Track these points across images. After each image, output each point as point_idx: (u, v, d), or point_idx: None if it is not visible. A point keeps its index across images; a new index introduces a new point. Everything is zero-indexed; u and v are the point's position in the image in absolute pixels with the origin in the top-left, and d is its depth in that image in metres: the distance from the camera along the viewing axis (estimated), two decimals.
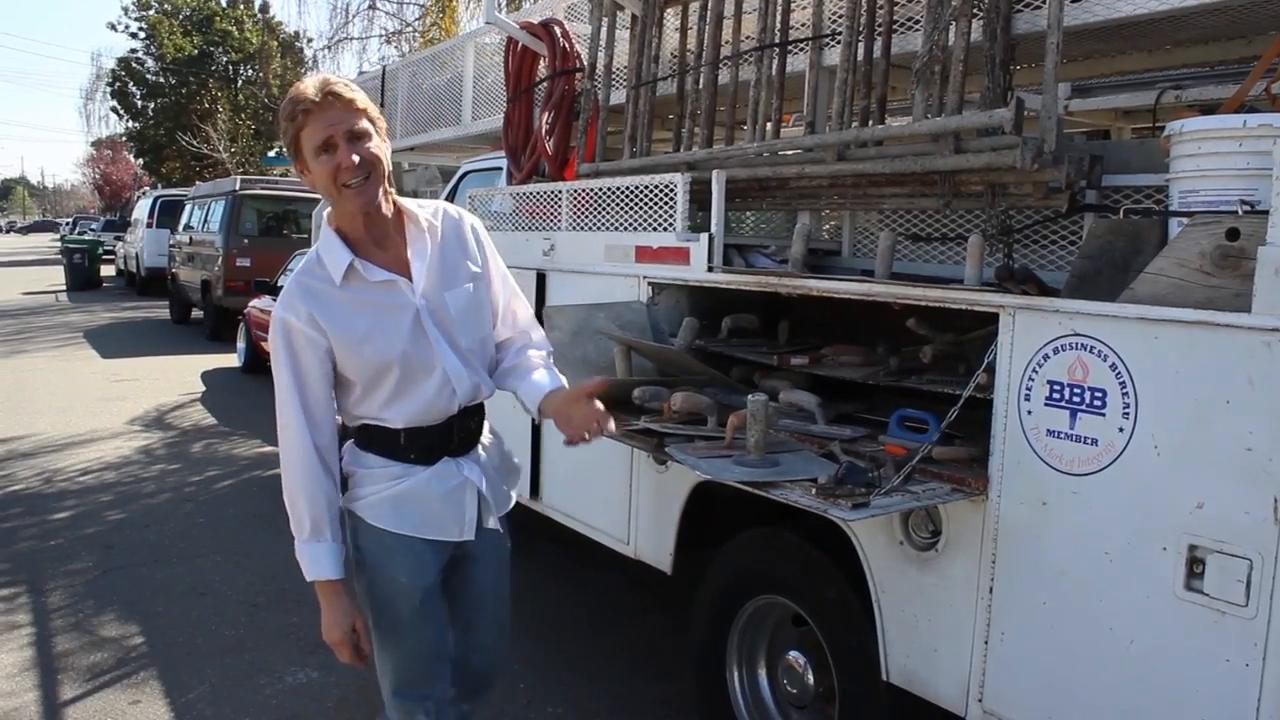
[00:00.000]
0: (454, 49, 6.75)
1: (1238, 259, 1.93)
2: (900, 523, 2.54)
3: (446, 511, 2.38)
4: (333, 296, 2.21)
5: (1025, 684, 2.24)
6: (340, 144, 2.11)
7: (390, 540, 2.34)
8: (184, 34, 38.74)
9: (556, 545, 5.41)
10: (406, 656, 2.42)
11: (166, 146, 36.56)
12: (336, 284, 2.20)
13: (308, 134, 2.11)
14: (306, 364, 2.22)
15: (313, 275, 2.23)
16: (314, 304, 2.19)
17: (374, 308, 2.23)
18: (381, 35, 24.50)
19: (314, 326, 2.19)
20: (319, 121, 2.09)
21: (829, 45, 3.30)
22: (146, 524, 6.05)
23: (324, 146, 2.11)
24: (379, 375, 2.25)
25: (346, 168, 2.11)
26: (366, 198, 2.17)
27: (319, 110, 2.09)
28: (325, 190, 2.17)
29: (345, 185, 2.13)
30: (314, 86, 2.11)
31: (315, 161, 2.12)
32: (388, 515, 2.34)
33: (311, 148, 2.11)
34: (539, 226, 4.33)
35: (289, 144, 2.18)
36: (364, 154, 2.13)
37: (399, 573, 2.36)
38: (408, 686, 2.43)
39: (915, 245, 3.29)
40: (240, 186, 14.95)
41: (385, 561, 2.36)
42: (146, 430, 8.71)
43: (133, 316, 18.57)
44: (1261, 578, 1.82)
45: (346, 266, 2.20)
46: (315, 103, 2.09)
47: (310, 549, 2.26)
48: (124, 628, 4.49)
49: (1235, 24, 2.71)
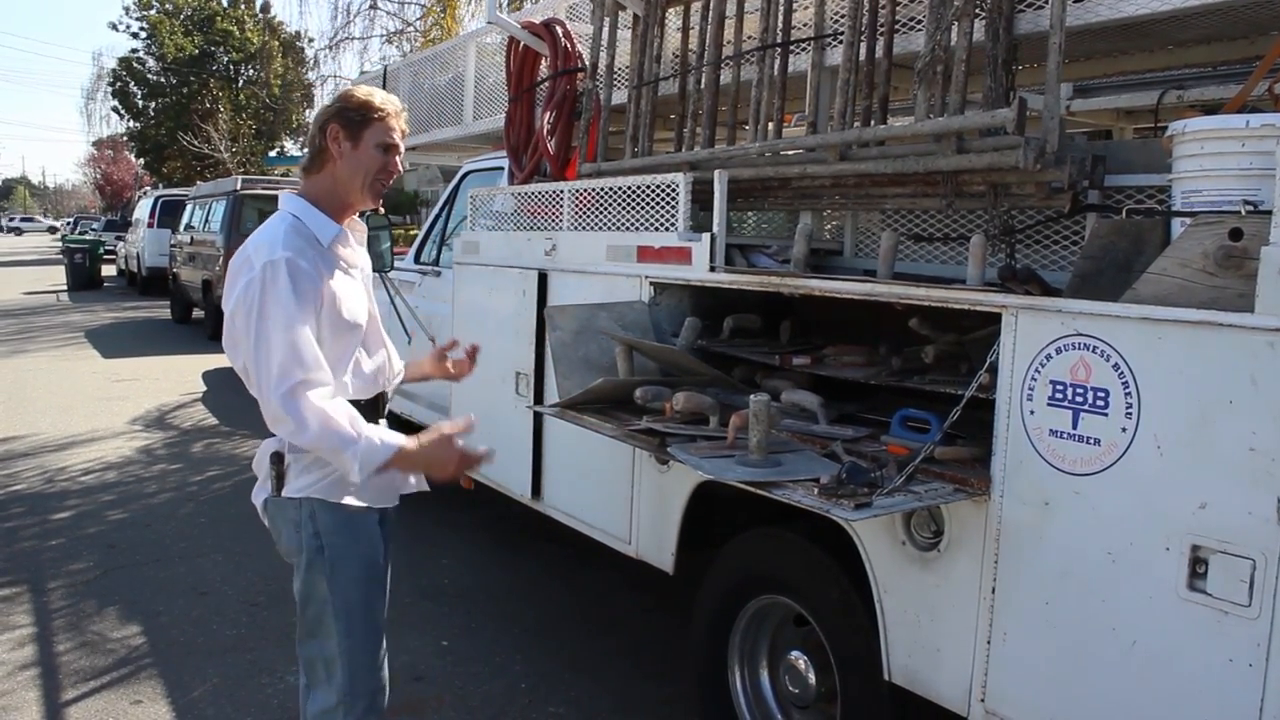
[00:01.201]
0: (455, 49, 6.75)
1: (1241, 259, 1.93)
2: (902, 523, 2.54)
3: (388, 481, 2.53)
4: (320, 253, 2.39)
5: (1028, 684, 2.24)
6: (394, 153, 2.45)
7: (353, 516, 2.45)
8: (185, 34, 38.77)
9: (557, 545, 5.42)
10: (376, 632, 2.52)
11: (168, 146, 36.58)
12: (324, 245, 2.40)
13: (379, 129, 2.41)
14: (309, 302, 2.28)
15: (301, 234, 2.37)
16: (316, 257, 2.36)
17: (345, 274, 2.45)
18: (383, 35, 24.55)
19: (316, 270, 2.33)
20: (392, 127, 2.43)
21: (831, 45, 3.30)
22: (148, 523, 6.05)
23: (385, 147, 2.43)
24: (350, 335, 2.40)
25: (393, 172, 2.47)
26: (380, 199, 2.49)
27: (394, 119, 2.44)
28: (361, 173, 2.41)
29: (381, 182, 2.45)
30: (393, 103, 2.45)
31: (372, 150, 2.41)
32: (351, 491, 2.42)
33: (376, 142, 2.41)
34: (541, 226, 4.33)
35: (356, 118, 2.40)
36: (401, 170, 2.51)
37: (365, 545, 2.48)
38: (376, 663, 2.52)
39: (917, 245, 3.29)
40: (241, 186, 14.95)
41: (352, 539, 2.45)
42: (148, 430, 8.71)
43: (134, 316, 18.57)
44: (1264, 578, 1.82)
45: (334, 236, 2.43)
46: (396, 111, 2.44)
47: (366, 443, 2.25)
48: (125, 627, 4.49)
49: (1237, 24, 2.71)
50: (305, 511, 2.42)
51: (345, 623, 2.44)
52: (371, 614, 2.50)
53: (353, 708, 2.47)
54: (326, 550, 2.42)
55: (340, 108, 2.42)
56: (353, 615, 2.45)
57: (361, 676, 2.48)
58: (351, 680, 2.46)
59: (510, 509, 4.81)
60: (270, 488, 2.45)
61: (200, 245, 15.62)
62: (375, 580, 2.52)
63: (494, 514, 5.95)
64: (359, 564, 2.46)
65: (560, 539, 5.03)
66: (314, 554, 2.43)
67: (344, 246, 2.46)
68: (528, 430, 4.27)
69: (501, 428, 4.43)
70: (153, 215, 21.36)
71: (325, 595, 2.44)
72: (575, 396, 3.20)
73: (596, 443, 3.52)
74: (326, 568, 2.43)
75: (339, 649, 2.45)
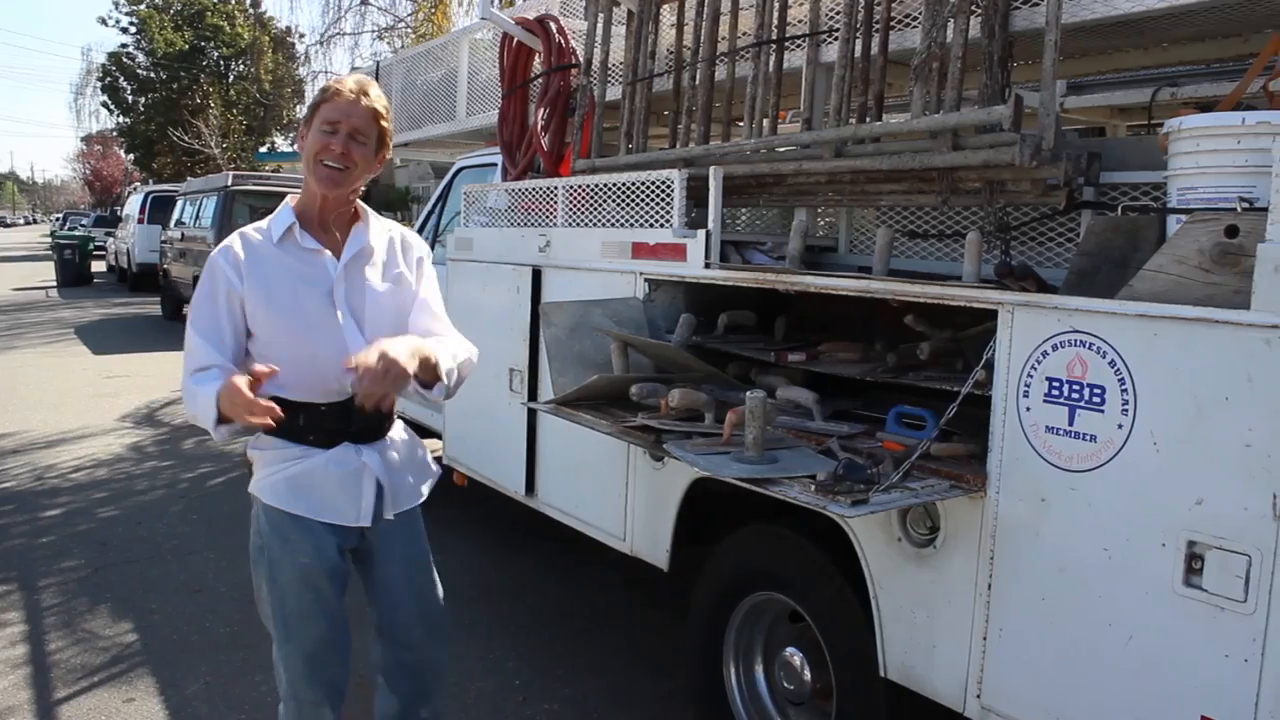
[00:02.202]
0: (448, 45, 6.73)
1: (1237, 256, 1.94)
2: (898, 519, 2.54)
3: (343, 495, 2.44)
4: (264, 251, 2.41)
5: (1024, 680, 2.25)
6: (341, 132, 2.37)
7: (289, 522, 2.41)
8: (175, 29, 38.60)
9: (551, 542, 5.42)
10: (313, 642, 2.44)
11: (158, 142, 36.39)
12: (273, 242, 2.42)
13: (325, 109, 2.38)
14: (217, 298, 2.37)
15: (255, 230, 2.46)
16: (246, 251, 2.40)
17: (295, 271, 2.42)
18: (374, 31, 24.49)
19: (236, 271, 2.37)
20: (339, 106, 2.37)
21: (826, 41, 3.30)
22: (139, 521, 6.03)
23: (329, 126, 2.37)
24: (283, 332, 2.37)
25: (331, 150, 2.36)
26: (331, 184, 2.40)
27: (344, 101, 2.38)
28: (307, 158, 2.41)
29: (322, 163, 2.37)
30: (353, 82, 2.43)
31: (315, 132, 2.38)
32: (284, 496, 2.40)
33: (321, 121, 2.38)
34: (535, 222, 4.32)
35: (308, 112, 2.45)
36: (350, 151, 2.38)
37: (299, 554, 2.41)
38: (313, 673, 2.45)
39: (912, 242, 3.29)
40: (233, 182, 14.91)
41: (285, 544, 2.41)
42: (138, 427, 8.68)
43: (124, 313, 18.51)
44: (1260, 574, 1.83)
45: (285, 229, 2.43)
46: (347, 92, 2.39)
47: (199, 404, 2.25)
48: (117, 625, 4.47)
49: (1232, 21, 2.71)
50: (255, 508, 2.49)
51: (281, 629, 2.45)
52: (306, 624, 2.43)
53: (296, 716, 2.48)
54: (266, 551, 2.44)
55: (311, 100, 2.48)
56: (288, 622, 2.43)
57: (297, 684, 2.45)
58: (292, 688, 2.47)
59: (504, 506, 4.79)
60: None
61: (191, 241, 15.57)
62: (312, 589, 2.42)
63: (488, 511, 5.94)
64: (293, 571, 2.41)
65: (554, 536, 5.03)
66: (256, 552, 2.48)
67: (302, 238, 2.42)
68: (522, 427, 4.26)
69: (495, 424, 4.43)
70: (143, 211, 21.25)
71: (266, 596, 2.46)
72: (570, 393, 3.19)
73: (591, 439, 3.52)
74: (265, 568, 2.45)
75: (278, 654, 2.48)
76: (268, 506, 2.42)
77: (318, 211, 2.45)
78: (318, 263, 2.43)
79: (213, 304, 2.36)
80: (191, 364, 2.33)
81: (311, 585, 2.42)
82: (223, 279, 2.36)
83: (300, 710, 2.47)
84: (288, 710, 2.51)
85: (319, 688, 2.45)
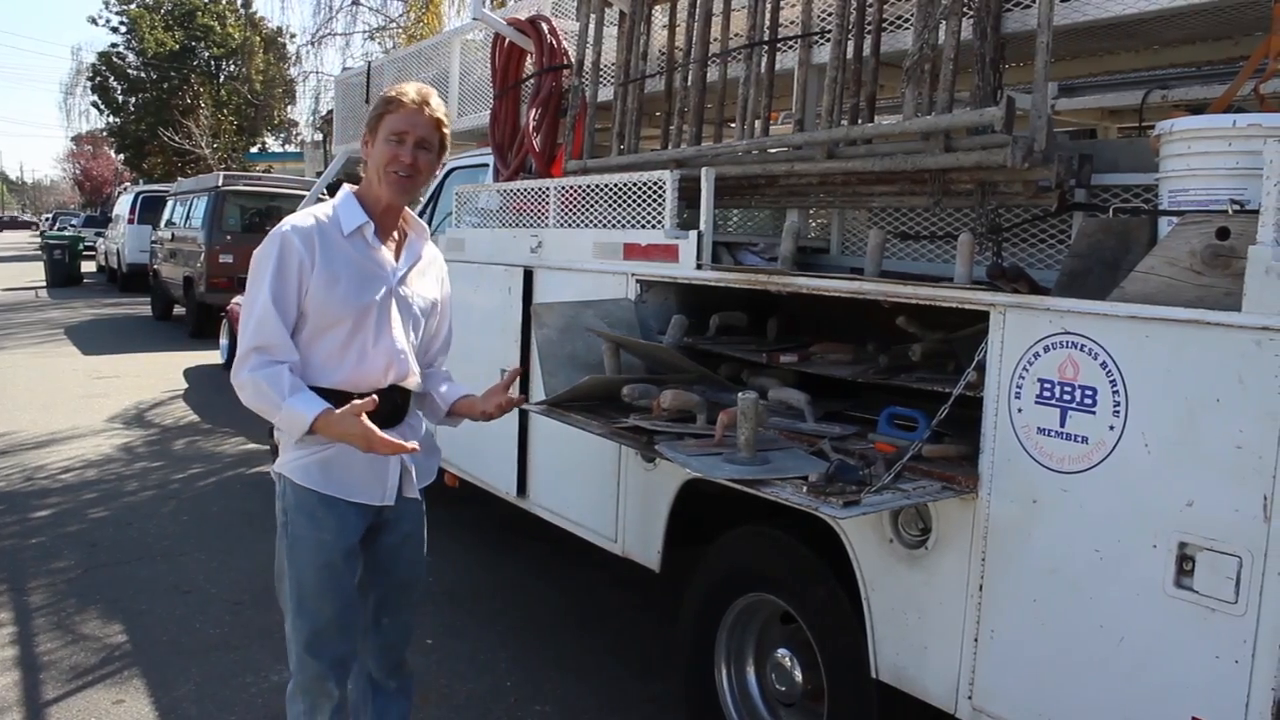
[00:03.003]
0: (439, 45, 6.72)
1: (1228, 258, 1.94)
2: (890, 520, 2.55)
3: (371, 476, 2.57)
4: (334, 239, 2.47)
5: (1015, 681, 2.25)
6: (409, 141, 2.48)
7: (316, 501, 2.51)
8: (165, 29, 38.50)
9: (542, 543, 5.41)
10: (324, 618, 2.54)
11: (148, 142, 36.31)
12: (344, 234, 2.49)
13: (391, 120, 2.48)
14: (289, 277, 2.41)
15: (324, 218, 2.50)
16: (318, 236, 2.45)
17: (360, 265, 2.50)
18: (365, 31, 24.42)
19: (309, 251, 2.42)
20: (404, 116, 2.48)
21: (818, 43, 3.30)
22: (129, 522, 6.00)
23: (397, 136, 2.47)
24: (337, 321, 2.45)
25: (401, 160, 2.48)
26: (401, 192, 2.52)
27: (409, 110, 2.48)
28: (376, 167, 2.50)
29: (393, 172, 2.48)
30: (414, 91, 2.51)
31: (383, 143, 2.49)
32: (316, 476, 2.51)
33: (388, 131, 2.48)
34: (526, 223, 4.32)
35: (374, 119, 2.52)
36: (419, 160, 2.50)
37: (324, 532, 2.52)
38: (320, 647, 2.54)
39: (904, 243, 3.30)
40: (223, 182, 14.85)
41: (311, 522, 2.52)
42: (128, 427, 8.65)
43: (114, 313, 18.44)
44: (1251, 575, 1.83)
45: (358, 225, 2.50)
46: (411, 101, 2.48)
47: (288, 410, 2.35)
48: (107, 626, 4.45)
49: (1223, 24, 2.72)
50: (280, 486, 2.57)
51: (295, 603, 2.54)
52: (321, 601, 2.52)
53: (304, 689, 2.57)
54: (290, 527, 2.54)
55: (370, 114, 2.54)
56: (303, 597, 2.53)
57: (309, 660, 2.54)
58: (300, 662, 2.56)
59: (494, 507, 4.79)
60: (272, 459, 2.58)
61: (182, 242, 15.51)
62: (329, 570, 2.53)
63: (478, 513, 5.93)
64: (315, 549, 2.51)
65: (545, 537, 5.03)
66: (281, 528, 2.57)
67: (372, 239, 2.52)
68: (513, 428, 4.26)
69: (486, 426, 4.40)
70: (133, 211, 21.19)
71: (285, 570, 2.55)
72: (562, 394, 3.19)
73: (582, 440, 3.51)
74: (287, 544, 2.54)
75: (290, 629, 2.57)
76: (296, 485, 2.52)
77: (380, 215, 2.55)
78: (382, 263, 2.54)
79: (285, 278, 2.40)
80: (259, 339, 2.38)
81: (329, 564, 2.53)
82: (296, 255, 2.41)
83: (305, 681, 2.57)
84: (294, 683, 2.60)
85: (324, 660, 2.54)
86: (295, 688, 2.60)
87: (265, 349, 2.38)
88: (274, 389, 2.35)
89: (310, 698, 2.56)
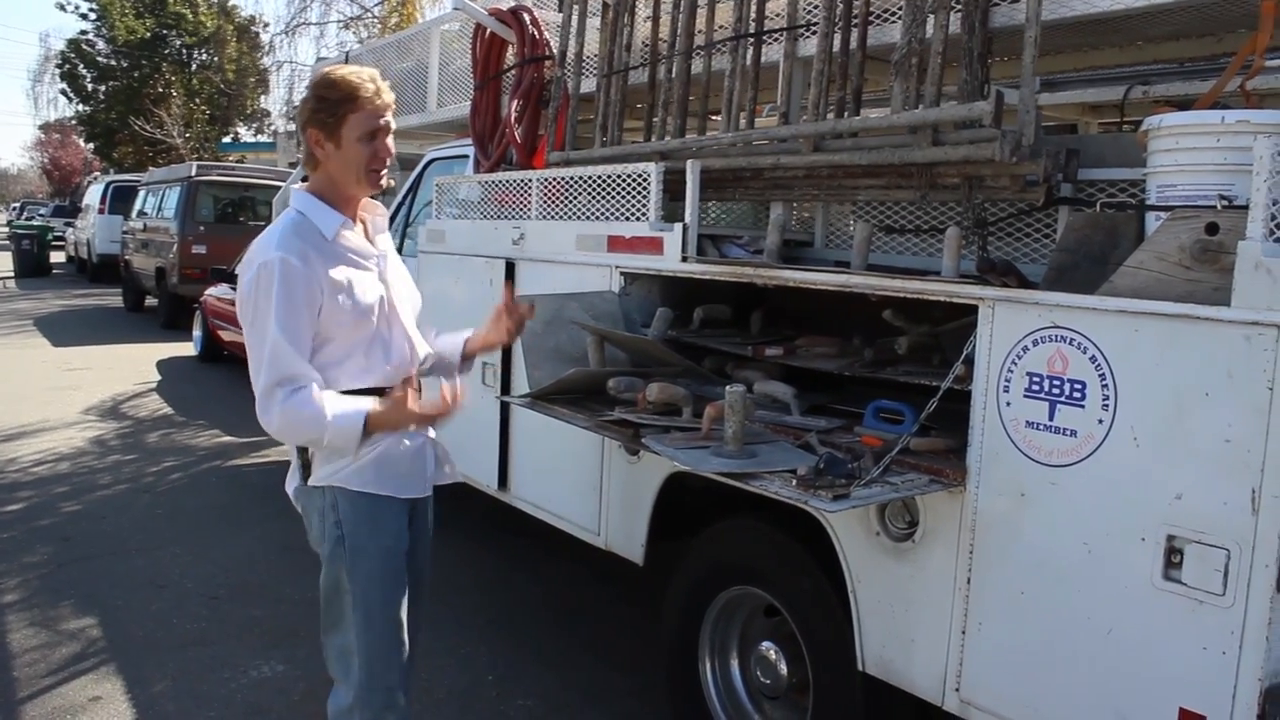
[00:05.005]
0: (419, 35, 6.68)
1: (1217, 253, 1.95)
2: (877, 514, 2.55)
3: (415, 469, 2.54)
4: (324, 249, 2.36)
5: (1003, 674, 2.26)
6: (380, 136, 2.36)
7: (375, 505, 2.44)
8: (136, 16, 37.94)
9: (521, 537, 5.40)
10: (394, 628, 2.48)
11: (118, 131, 35.79)
12: (328, 239, 2.37)
13: (357, 119, 2.31)
14: (301, 302, 2.28)
15: (303, 228, 2.36)
16: (313, 252, 2.32)
17: (353, 264, 2.40)
18: (340, 20, 24.25)
19: (311, 269, 2.30)
20: (371, 112, 2.32)
21: (804, 36, 3.29)
22: (103, 515, 5.93)
23: (369, 135, 2.33)
24: (360, 325, 2.37)
25: (383, 158, 2.38)
26: (380, 185, 2.43)
27: (373, 102, 2.32)
28: (354, 169, 2.36)
29: (373, 171, 2.38)
30: (369, 78, 2.33)
31: (356, 144, 2.33)
32: (372, 479, 2.42)
33: (358, 133, 2.32)
34: (508, 215, 4.29)
35: (328, 118, 2.32)
36: (392, 150, 2.41)
37: (386, 537, 2.46)
38: (391, 660, 2.47)
39: (888, 237, 3.30)
40: (196, 172, 14.72)
41: (374, 528, 2.44)
42: (101, 420, 8.55)
43: (84, 304, 18.23)
44: (1239, 567, 1.85)
45: (338, 227, 2.39)
46: (372, 93, 2.32)
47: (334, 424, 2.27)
48: (82, 621, 4.40)
49: (1207, 20, 2.74)
50: (328, 500, 2.43)
51: (364, 615, 2.43)
52: (389, 609, 2.47)
53: (369, 703, 2.46)
54: (347, 540, 2.42)
55: (313, 111, 2.34)
56: (371, 609, 2.44)
57: (379, 672, 2.46)
58: (369, 676, 2.45)
59: (474, 501, 4.76)
60: (299, 476, 2.47)
61: (154, 232, 15.35)
62: (394, 575, 2.48)
63: (457, 507, 5.88)
64: (379, 557, 2.44)
65: (524, 531, 5.02)
66: (335, 544, 2.44)
67: (352, 235, 2.42)
68: (494, 421, 4.24)
69: (468, 419, 4.37)
70: (104, 201, 20.90)
71: (346, 586, 2.43)
72: (547, 387, 3.17)
73: (565, 434, 3.50)
74: (347, 558, 2.43)
75: (357, 643, 2.45)
76: (351, 494, 2.41)
77: (348, 205, 2.44)
78: (367, 255, 2.45)
79: (298, 312, 2.27)
80: (290, 380, 2.25)
81: (394, 567, 2.48)
82: (303, 281, 2.27)
83: (373, 697, 2.46)
84: (360, 699, 2.46)
85: (396, 670, 2.49)
86: (358, 703, 2.47)
87: (286, 380, 2.25)
88: (311, 413, 2.25)
89: (374, 711, 2.46)
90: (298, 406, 2.25)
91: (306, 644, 4.04)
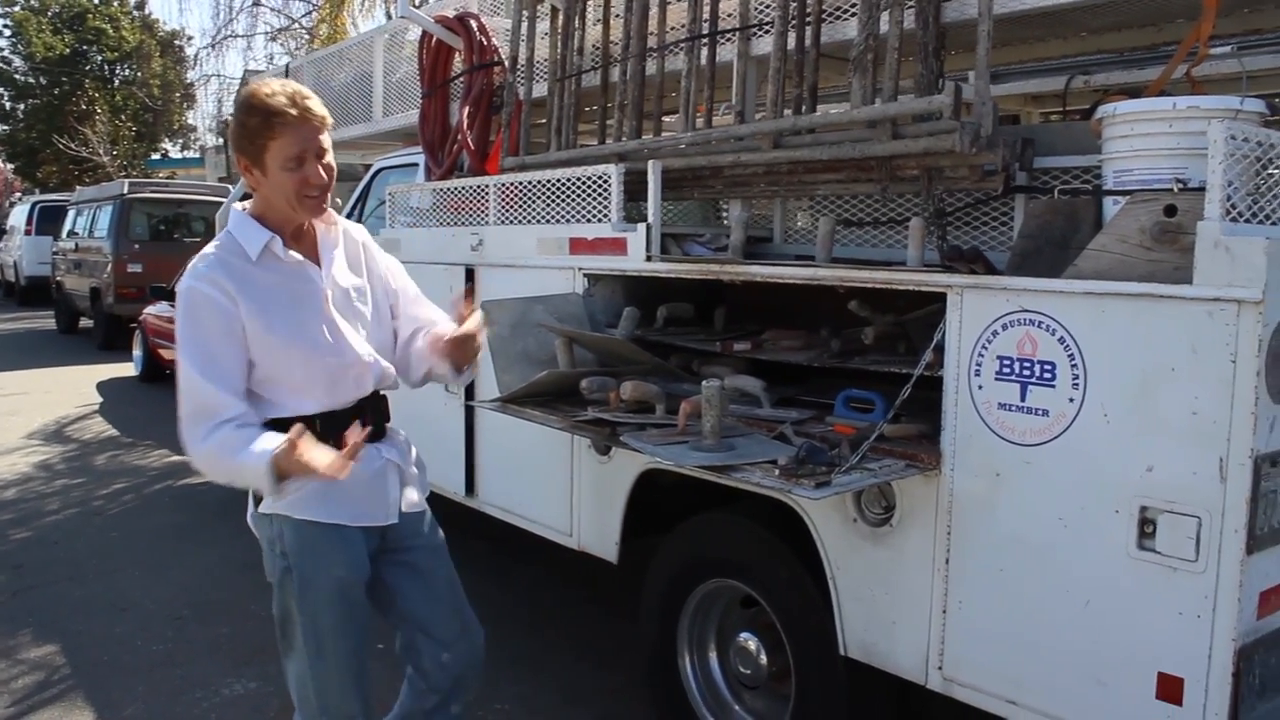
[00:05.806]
0: (361, 44, 6.63)
1: (1176, 234, 2.03)
2: (853, 500, 2.60)
3: (372, 496, 2.41)
4: (247, 272, 2.23)
5: (985, 649, 2.32)
6: (310, 160, 2.19)
7: (322, 534, 2.33)
8: (54, 32, 37.08)
9: (486, 542, 5.38)
10: (348, 655, 2.40)
11: (41, 150, 34.96)
12: (252, 260, 2.24)
13: (280, 145, 2.15)
14: (214, 332, 2.18)
15: (227, 250, 2.25)
16: (227, 275, 2.20)
17: (286, 286, 2.27)
18: (267, 32, 23.94)
19: (226, 296, 2.19)
20: (294, 136, 2.15)
21: (758, 35, 3.34)
22: (55, 540, 5.81)
23: (296, 161, 2.17)
24: (289, 354, 2.25)
25: (315, 184, 2.21)
26: (321, 208, 2.28)
27: (295, 125, 2.15)
28: (280, 198, 2.22)
29: (309, 196, 2.22)
30: (287, 98, 2.15)
31: (281, 172, 2.18)
32: (316, 506, 2.30)
33: (282, 159, 2.16)
34: (465, 221, 4.29)
35: (249, 146, 2.18)
36: (328, 171, 2.23)
37: (336, 567, 2.35)
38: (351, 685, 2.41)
39: (848, 230, 3.36)
40: (129, 190, 14.42)
41: (319, 558, 2.34)
42: (45, 444, 8.35)
43: (15, 328, 17.77)
44: (1210, 534, 1.93)
45: (264, 245, 2.25)
46: (293, 117, 2.14)
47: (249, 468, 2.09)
48: (44, 649, 4.30)
49: (1149, 11, 2.84)
50: (275, 529, 2.35)
51: (314, 646, 2.36)
52: (344, 640, 2.38)
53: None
54: (294, 570, 2.34)
55: (236, 137, 2.21)
56: (322, 639, 2.36)
57: (334, 704, 2.40)
58: (324, 707, 2.40)
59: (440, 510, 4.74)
60: (251, 503, 2.39)
61: (86, 252, 15.02)
62: (347, 602, 2.38)
63: None
64: (329, 585, 2.34)
65: (489, 536, 5.00)
66: (283, 573, 2.36)
67: (283, 253, 2.26)
68: (459, 427, 4.23)
69: (432, 426, 4.38)
70: (30, 222, 20.37)
71: (295, 615, 2.36)
72: (519, 390, 3.18)
73: (533, 436, 3.51)
74: (295, 587, 2.34)
75: (310, 673, 2.39)
76: (295, 522, 2.31)
77: (287, 224, 2.30)
78: (304, 275, 2.30)
79: (210, 342, 2.17)
80: (206, 416, 2.14)
81: (346, 598, 2.37)
82: (218, 311, 2.17)
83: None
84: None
85: (357, 700, 2.42)
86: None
87: (201, 415, 2.15)
88: (222, 454, 2.12)
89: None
90: (213, 446, 2.13)
91: (277, 660, 3.91)
